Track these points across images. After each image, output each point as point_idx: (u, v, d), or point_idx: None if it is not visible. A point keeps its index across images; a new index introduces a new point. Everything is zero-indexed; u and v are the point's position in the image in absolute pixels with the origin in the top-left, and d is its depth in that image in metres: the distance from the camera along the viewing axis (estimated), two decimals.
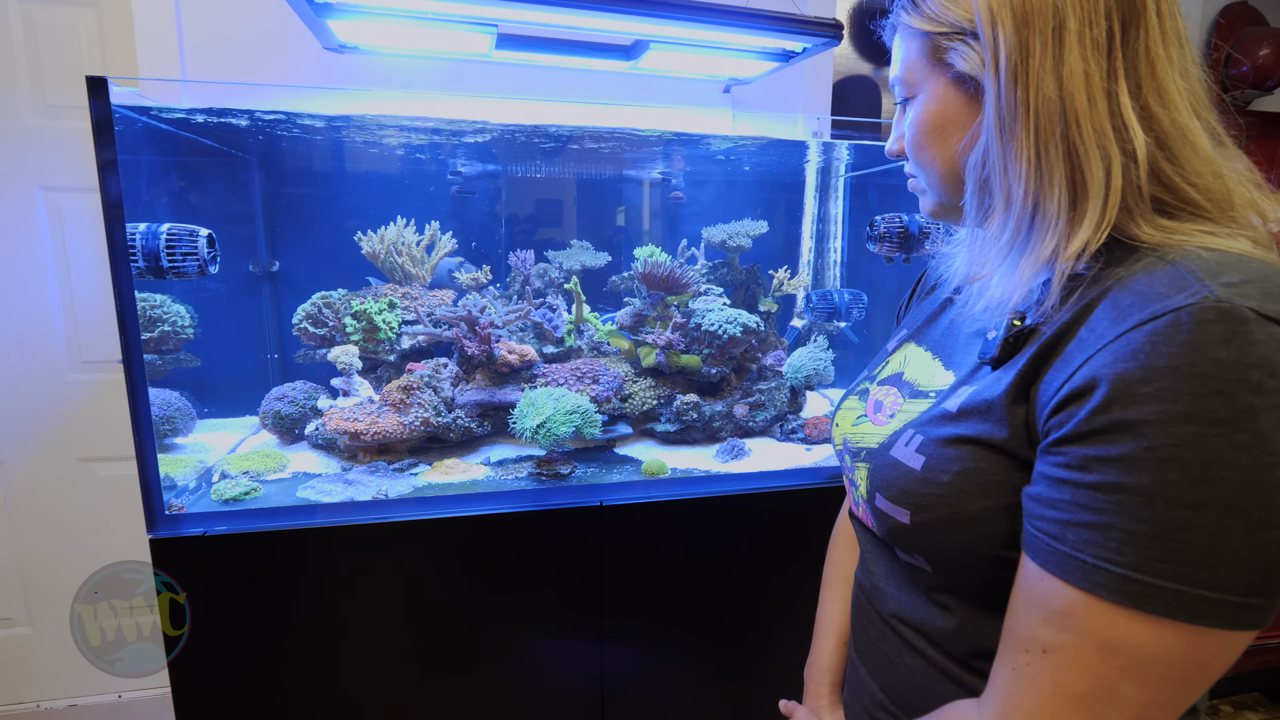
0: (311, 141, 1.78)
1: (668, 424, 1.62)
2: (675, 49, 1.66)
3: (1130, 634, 0.44)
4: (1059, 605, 0.47)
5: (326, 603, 1.28)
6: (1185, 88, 0.51)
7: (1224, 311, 0.42)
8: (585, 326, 1.79)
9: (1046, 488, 0.48)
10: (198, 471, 1.44)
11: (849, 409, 0.76)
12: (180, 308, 1.53)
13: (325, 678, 1.30)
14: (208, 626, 1.22)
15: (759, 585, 1.49)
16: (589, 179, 2.01)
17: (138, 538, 2.04)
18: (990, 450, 0.54)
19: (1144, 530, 0.43)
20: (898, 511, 0.60)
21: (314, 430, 1.54)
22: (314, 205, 1.84)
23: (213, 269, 1.30)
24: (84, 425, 1.96)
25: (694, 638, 1.48)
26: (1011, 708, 0.50)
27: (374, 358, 1.67)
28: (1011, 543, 0.53)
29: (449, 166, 1.84)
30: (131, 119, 1.32)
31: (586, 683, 1.43)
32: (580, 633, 1.40)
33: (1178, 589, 0.43)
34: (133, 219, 1.18)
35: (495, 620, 1.36)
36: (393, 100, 1.75)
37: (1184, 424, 0.42)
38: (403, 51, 1.73)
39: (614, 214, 2.07)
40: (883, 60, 2.51)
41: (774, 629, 1.53)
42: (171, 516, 1.24)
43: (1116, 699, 0.46)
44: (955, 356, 0.65)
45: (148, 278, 1.24)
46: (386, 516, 1.29)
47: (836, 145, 1.92)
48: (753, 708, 1.56)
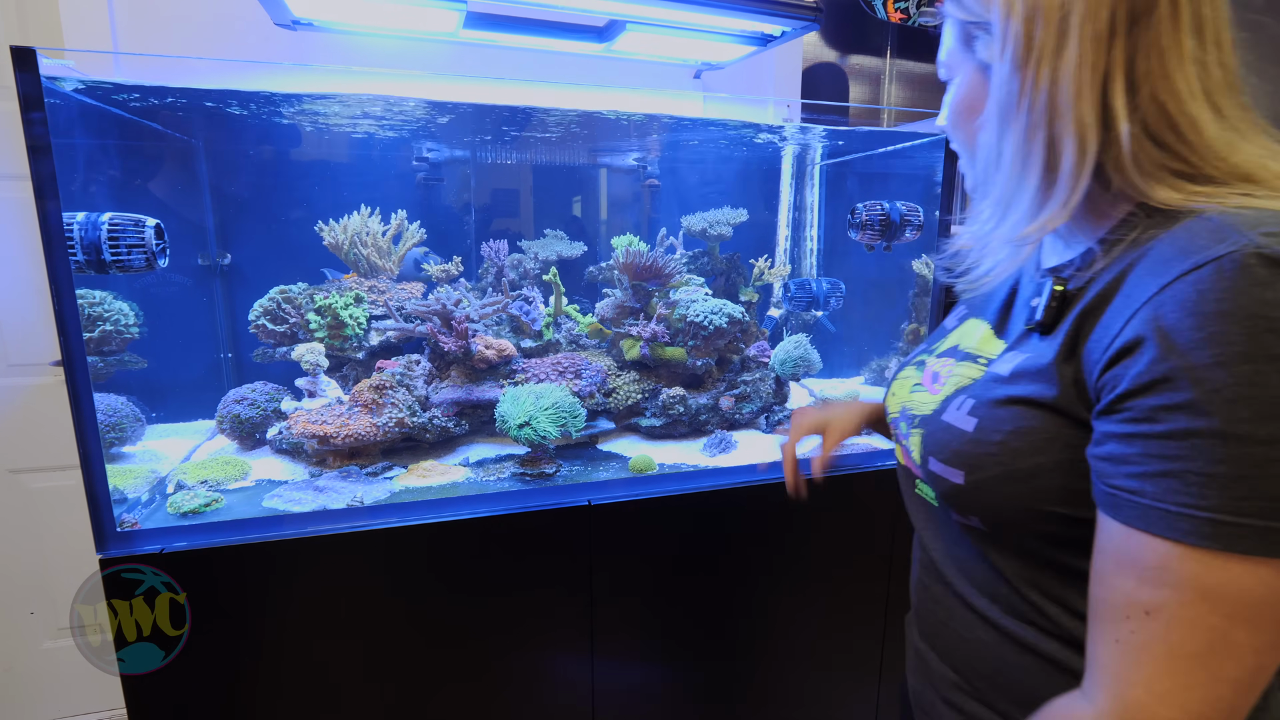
0: (264, 124, 1.66)
1: (653, 418, 1.58)
2: (652, 30, 1.61)
3: (1230, 578, 0.44)
4: (1152, 560, 0.46)
5: (299, 619, 1.19)
6: (1200, 76, 0.52)
7: (1265, 256, 0.43)
8: (563, 319, 1.73)
9: (1116, 445, 0.48)
10: (150, 482, 1.33)
11: (905, 378, 0.77)
12: (123, 305, 1.41)
13: (301, 700, 1.22)
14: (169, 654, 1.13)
15: (756, 584, 1.47)
16: (561, 167, 1.94)
17: (79, 554, 1.90)
18: (1041, 409, 0.55)
19: (1224, 471, 0.43)
20: (951, 473, 0.61)
21: (278, 434, 1.44)
22: (268, 193, 1.71)
23: (162, 262, 1.19)
24: (12, 434, 1.80)
25: (690, 639, 1.45)
26: (1127, 684, 0.48)
27: (340, 355, 1.58)
28: (1065, 499, 0.54)
29: (415, 152, 1.74)
30: (62, 96, 1.19)
31: (578, 693, 1.39)
32: (570, 640, 1.36)
33: (1266, 525, 0.43)
34: (68, 208, 1.07)
35: (481, 632, 1.30)
36: (353, 80, 1.64)
37: (1244, 363, 0.43)
38: (362, 29, 1.62)
39: (588, 202, 2.01)
40: (849, 48, 2.51)
41: (775, 634, 1.51)
42: (124, 533, 1.13)
43: (1232, 648, 0.45)
44: (1005, 325, 0.68)
45: (88, 272, 1.13)
46: (363, 525, 1.21)
47: (811, 132, 1.90)
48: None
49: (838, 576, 1.55)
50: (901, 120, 2.45)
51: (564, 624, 1.35)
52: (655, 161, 1.96)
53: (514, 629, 1.32)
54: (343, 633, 1.22)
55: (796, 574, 1.50)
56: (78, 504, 1.87)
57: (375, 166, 1.81)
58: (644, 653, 1.42)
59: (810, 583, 1.52)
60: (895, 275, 1.89)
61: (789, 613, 1.52)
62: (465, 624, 1.28)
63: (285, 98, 1.54)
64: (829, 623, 1.57)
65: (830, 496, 1.49)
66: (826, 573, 1.53)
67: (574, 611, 1.34)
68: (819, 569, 1.52)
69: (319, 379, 1.47)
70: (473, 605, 1.28)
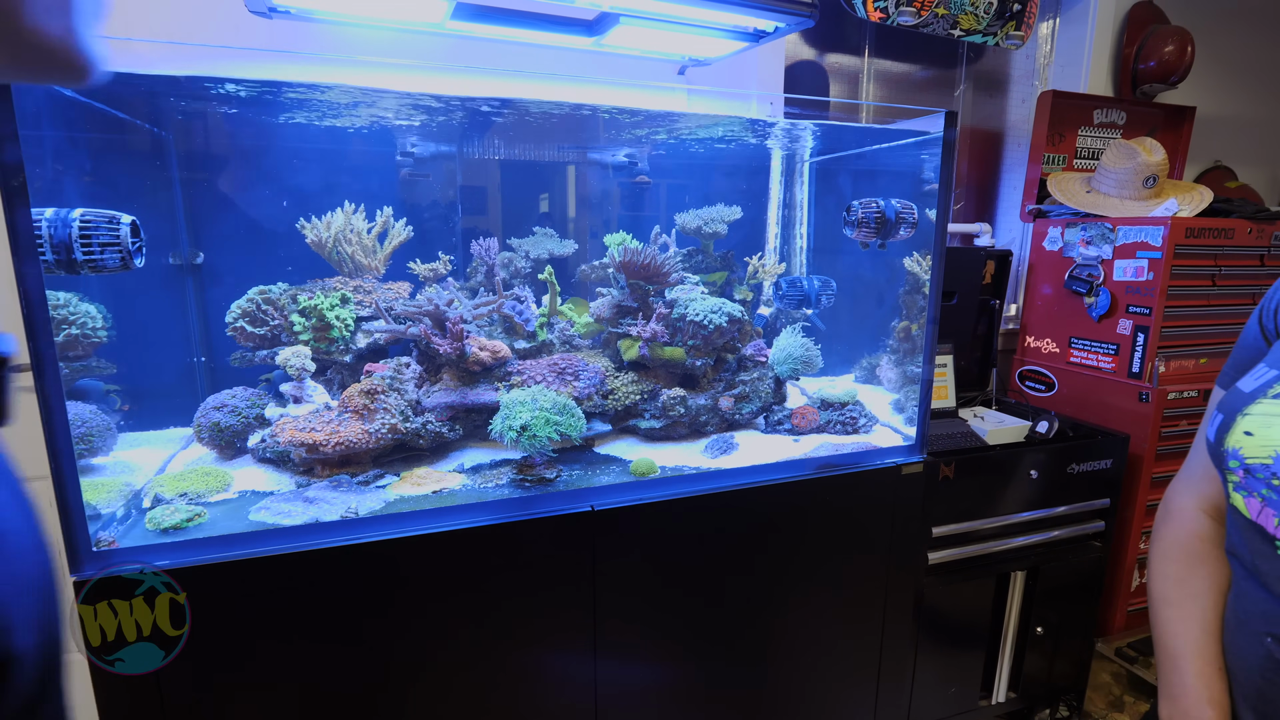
0: (239, 116, 1.57)
1: (652, 420, 1.55)
2: (644, 24, 1.58)
3: None
4: None
5: (294, 636, 1.13)
6: None
7: None
8: (556, 319, 1.69)
9: None
10: (124, 496, 1.25)
11: (1268, 414, 0.64)
12: (89, 307, 1.32)
13: (305, 712, 1.16)
14: (153, 682, 1.06)
15: (764, 586, 1.46)
16: (549, 163, 1.90)
17: None
18: None
19: None
20: None
21: (260, 442, 1.37)
22: (242, 189, 1.62)
23: (138, 261, 1.12)
24: None
25: (696, 645, 1.43)
26: None
27: (325, 359, 1.51)
28: None
29: (399, 147, 1.68)
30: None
31: (582, 698, 1.36)
32: (574, 645, 1.33)
33: None
34: (34, 204, 0.99)
35: (487, 642, 1.26)
36: (333, 71, 1.56)
37: None
38: (344, 18, 1.55)
39: (577, 199, 1.97)
40: (828, 46, 2.52)
41: (783, 637, 1.51)
42: (100, 553, 1.05)
43: None
44: None
45: (57, 273, 1.04)
46: (359, 537, 1.16)
47: (802, 131, 1.90)
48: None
49: (839, 577, 1.55)
50: (881, 116, 2.48)
51: (568, 628, 1.31)
52: (644, 158, 1.93)
53: (518, 638, 1.28)
54: (337, 644, 1.16)
55: (801, 575, 1.50)
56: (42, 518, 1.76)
57: (358, 161, 1.74)
58: (649, 655, 1.40)
59: (813, 584, 1.52)
60: (885, 273, 1.90)
61: (792, 610, 1.52)
62: (468, 635, 1.24)
63: (262, 87, 1.46)
64: (832, 623, 1.57)
65: (832, 497, 1.49)
66: (829, 573, 1.54)
67: (577, 616, 1.31)
68: (822, 570, 1.52)
69: (305, 384, 1.40)
70: (475, 616, 1.24)
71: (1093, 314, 2.20)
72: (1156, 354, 2.04)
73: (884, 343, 1.99)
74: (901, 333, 1.89)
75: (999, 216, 2.91)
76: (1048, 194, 2.44)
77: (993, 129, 2.85)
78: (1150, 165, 2.21)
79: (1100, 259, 2.17)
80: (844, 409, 1.70)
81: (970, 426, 1.88)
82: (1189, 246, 2.00)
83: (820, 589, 1.54)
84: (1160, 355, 2.05)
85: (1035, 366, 2.43)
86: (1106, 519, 1.93)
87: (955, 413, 2.02)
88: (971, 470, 1.68)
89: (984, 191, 2.90)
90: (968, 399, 2.22)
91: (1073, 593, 1.93)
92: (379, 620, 1.18)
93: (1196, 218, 2.05)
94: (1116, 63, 2.71)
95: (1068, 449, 1.84)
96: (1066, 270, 2.28)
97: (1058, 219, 2.35)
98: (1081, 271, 2.23)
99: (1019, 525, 1.80)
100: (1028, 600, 1.86)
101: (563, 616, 1.30)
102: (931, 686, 1.77)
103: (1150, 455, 2.04)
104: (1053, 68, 2.78)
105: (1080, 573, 1.92)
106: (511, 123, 1.74)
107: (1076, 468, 1.85)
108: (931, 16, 2.17)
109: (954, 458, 1.66)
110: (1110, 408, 2.15)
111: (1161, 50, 2.61)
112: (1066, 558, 1.89)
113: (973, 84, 2.76)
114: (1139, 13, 2.70)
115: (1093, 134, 2.64)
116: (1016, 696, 1.93)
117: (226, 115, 1.56)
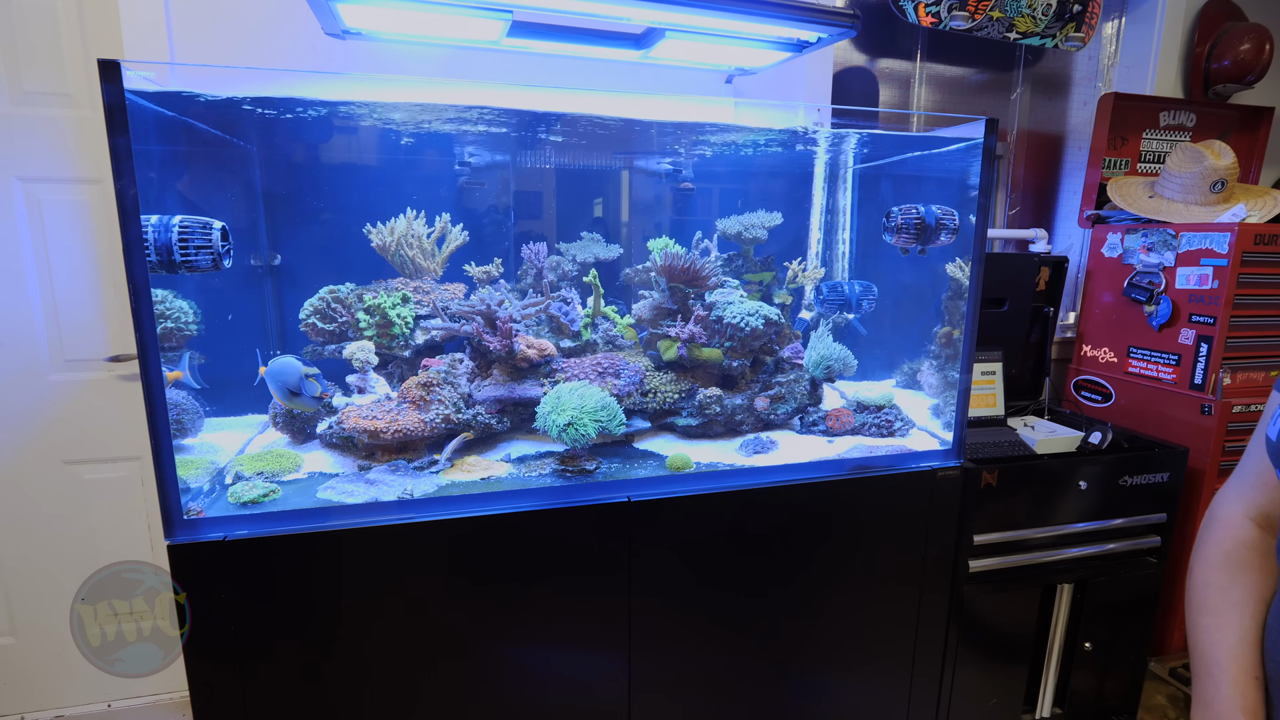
0: (313, 129, 1.72)
1: (689, 418, 1.61)
2: (690, 38, 1.64)
3: None
4: None
5: (353, 605, 1.24)
6: None
7: None
8: (600, 320, 1.76)
9: None
10: (210, 473, 1.39)
11: None
12: (183, 303, 1.47)
13: (352, 678, 1.26)
14: (231, 634, 1.18)
15: (790, 580, 1.49)
16: (597, 171, 1.98)
17: (128, 542, 1.98)
18: None
19: None
20: None
21: (327, 429, 1.49)
22: (315, 196, 1.77)
23: (227, 263, 1.25)
24: (68, 427, 1.87)
25: (723, 633, 1.48)
26: None
27: (387, 353, 1.63)
28: None
29: (457, 157, 1.79)
30: (137, 105, 1.24)
31: (615, 678, 1.42)
32: (607, 632, 1.39)
33: None
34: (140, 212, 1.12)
35: (526, 619, 1.34)
36: (398, 88, 1.69)
37: None
38: (409, 38, 1.67)
39: (622, 206, 2.05)
40: (879, 51, 2.52)
41: (811, 630, 1.53)
42: (190, 521, 1.18)
43: None
44: None
45: (159, 272, 1.18)
46: (414, 516, 1.25)
47: (845, 138, 1.92)
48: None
49: (871, 578, 1.57)
50: (931, 124, 2.46)
51: (601, 616, 1.38)
52: (688, 165, 1.99)
53: (554, 621, 1.35)
54: (394, 614, 1.26)
55: (832, 573, 1.52)
56: (129, 494, 1.96)
57: (419, 171, 1.86)
58: (680, 644, 1.45)
59: (844, 583, 1.54)
60: (928, 278, 1.90)
61: (823, 609, 1.54)
62: (510, 612, 1.32)
63: (334, 104, 1.59)
64: (863, 623, 1.59)
65: (865, 497, 1.51)
66: (860, 574, 1.55)
67: (612, 602, 1.38)
68: (854, 569, 1.54)
69: (368, 376, 1.52)
70: (516, 594, 1.32)
71: (1153, 323, 2.13)
72: (1221, 365, 1.96)
73: (926, 348, 1.99)
74: (943, 338, 1.88)
75: (1057, 222, 2.84)
76: (1107, 199, 2.38)
77: (1052, 132, 2.78)
78: (1218, 169, 2.12)
79: (1162, 266, 2.10)
80: (880, 412, 1.71)
81: (1019, 435, 1.86)
82: (1257, 254, 1.92)
83: (852, 588, 1.55)
84: (1225, 367, 1.97)
85: (1092, 376, 2.36)
86: (1163, 534, 1.87)
87: (1004, 421, 1.99)
88: (1016, 479, 1.67)
89: (1042, 196, 2.83)
90: (1019, 408, 2.18)
91: (1125, 609, 1.87)
92: (425, 595, 1.28)
93: (1267, 224, 1.96)
94: (1187, 62, 2.61)
95: (1120, 461, 1.79)
96: (1126, 278, 2.21)
97: (1117, 225, 2.28)
98: (1142, 279, 2.16)
99: (1066, 537, 1.77)
100: (1075, 614, 1.82)
101: (600, 603, 1.37)
102: (971, 696, 1.75)
103: (1213, 470, 1.96)
104: (1117, 69, 2.69)
105: (1134, 589, 1.87)
106: (561, 133, 1.83)
107: (1130, 480, 1.80)
108: (986, 20, 2.15)
109: (997, 465, 1.65)
110: (1170, 420, 2.07)
111: (1237, 48, 2.50)
112: (1118, 573, 1.83)
113: (1031, 87, 2.70)
114: (1212, 10, 2.59)
115: (1159, 137, 2.55)
116: (1063, 713, 1.89)
117: (303, 130, 1.70)
